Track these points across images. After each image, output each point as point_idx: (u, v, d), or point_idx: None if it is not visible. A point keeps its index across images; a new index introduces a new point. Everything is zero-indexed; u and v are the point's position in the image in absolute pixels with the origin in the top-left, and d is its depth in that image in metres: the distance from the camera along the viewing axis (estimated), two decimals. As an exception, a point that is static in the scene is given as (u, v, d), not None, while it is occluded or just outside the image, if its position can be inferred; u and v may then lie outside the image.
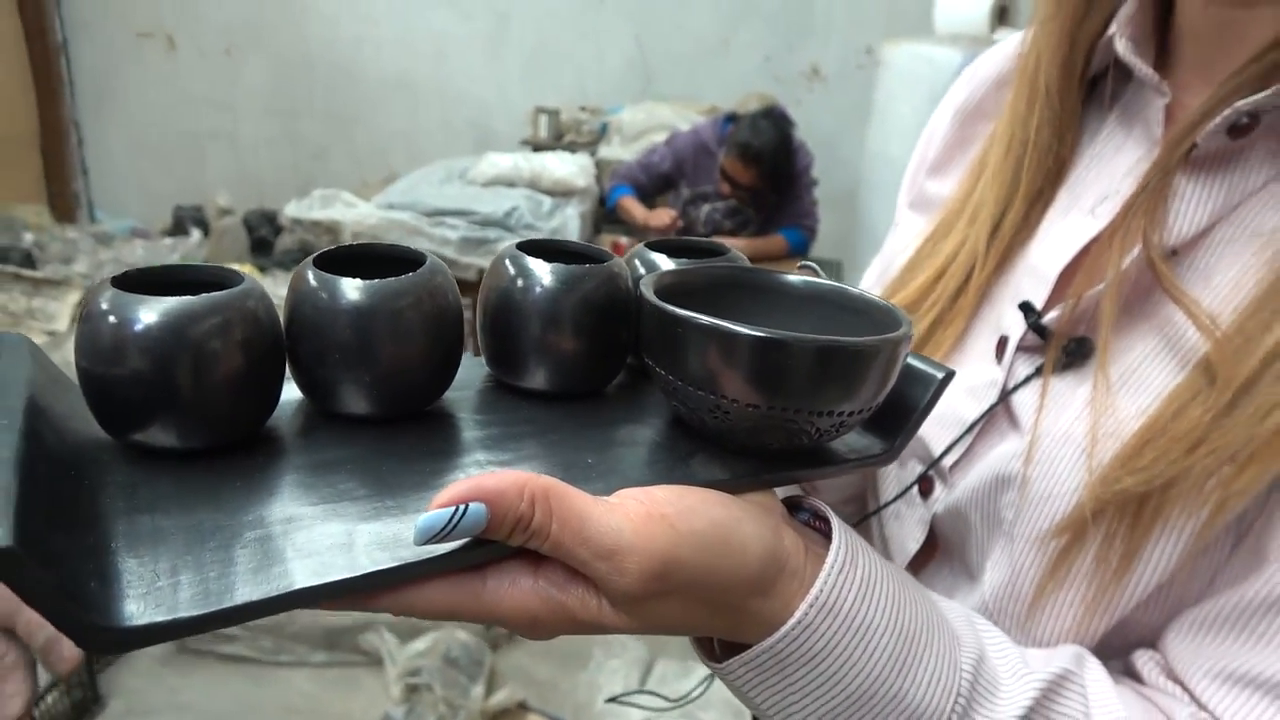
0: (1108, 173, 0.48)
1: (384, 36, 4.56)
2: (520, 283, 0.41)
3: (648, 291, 0.38)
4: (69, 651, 0.47)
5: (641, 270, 0.47)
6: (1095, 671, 0.40)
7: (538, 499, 0.31)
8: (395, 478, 0.36)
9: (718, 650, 0.40)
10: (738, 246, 2.32)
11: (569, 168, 2.39)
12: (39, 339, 3.76)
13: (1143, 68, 0.46)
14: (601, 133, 4.05)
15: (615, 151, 3.67)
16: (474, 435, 0.40)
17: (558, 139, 4.10)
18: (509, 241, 2.07)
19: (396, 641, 2.00)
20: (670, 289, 0.40)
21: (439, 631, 2.00)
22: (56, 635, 0.48)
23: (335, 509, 0.33)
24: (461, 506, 0.30)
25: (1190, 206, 0.43)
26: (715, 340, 0.34)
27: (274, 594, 0.29)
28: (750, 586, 0.35)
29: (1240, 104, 0.40)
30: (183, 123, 4.77)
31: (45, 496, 0.29)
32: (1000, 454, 0.46)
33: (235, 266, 2.03)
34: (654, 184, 2.98)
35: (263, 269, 4.16)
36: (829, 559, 0.36)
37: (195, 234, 4.40)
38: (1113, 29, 0.47)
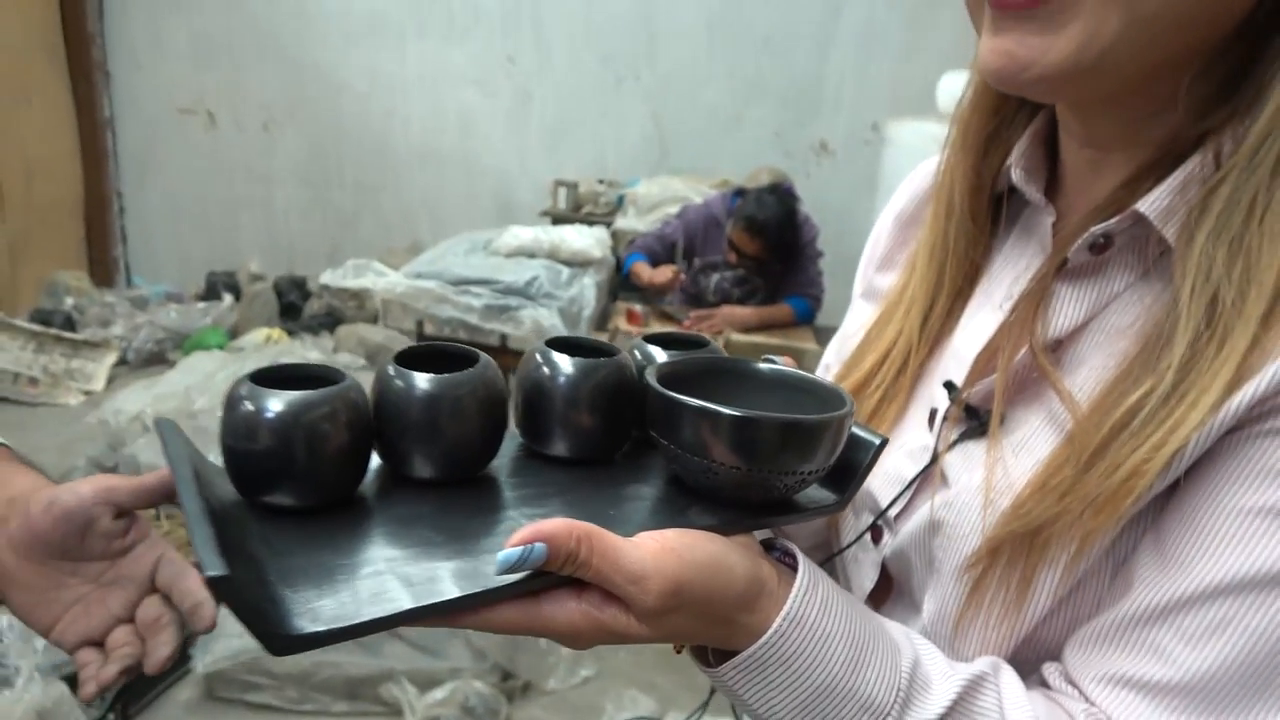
0: (1012, 274, 0.58)
1: (413, 112, 4.79)
2: (547, 372, 0.52)
3: (652, 380, 0.49)
4: (208, 615, 0.61)
5: (640, 359, 0.59)
6: (1009, 676, 0.49)
7: (582, 539, 0.41)
8: (462, 527, 0.46)
9: (712, 659, 0.49)
10: (746, 315, 2.45)
11: (586, 240, 2.54)
12: (76, 399, 3.92)
13: (1033, 194, 0.56)
14: (618, 205, 4.21)
15: (631, 223, 3.83)
16: (517, 494, 0.51)
17: (576, 210, 4.27)
18: (529, 309, 2.20)
19: (416, 692, 2.08)
20: (669, 377, 0.51)
21: (457, 682, 2.08)
22: (198, 602, 0.61)
23: (423, 551, 0.44)
24: (529, 545, 0.40)
25: (1067, 307, 0.52)
26: (706, 419, 0.46)
27: (391, 613, 0.39)
28: (738, 604, 0.45)
29: (1095, 228, 0.50)
30: (219, 192, 4.99)
31: (224, 542, 0.40)
32: (935, 503, 0.55)
33: (265, 330, 2.24)
34: (667, 253, 3.13)
35: (291, 333, 4.32)
36: (796, 583, 0.46)
37: (227, 298, 4.58)
38: (1011, 160, 0.58)
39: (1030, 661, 0.51)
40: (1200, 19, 0.44)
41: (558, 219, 4.07)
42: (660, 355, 0.58)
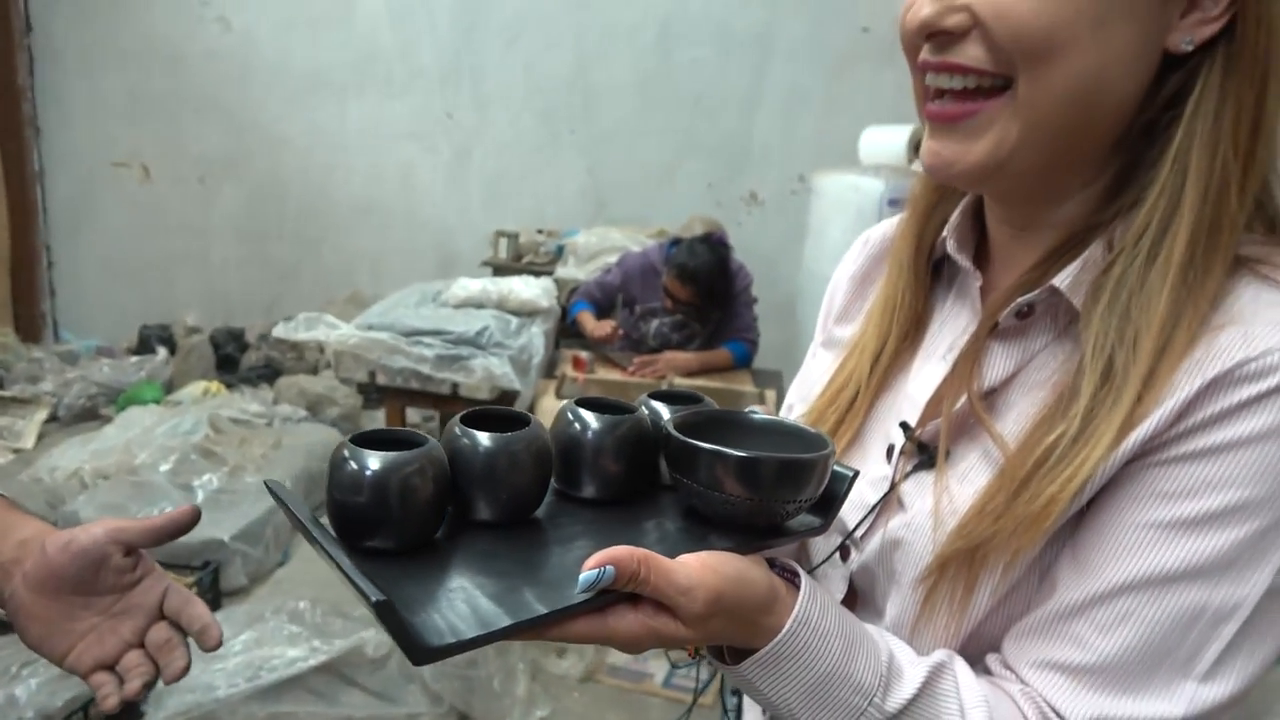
0: (950, 329, 0.69)
1: (354, 165, 4.85)
2: (578, 427, 0.61)
3: (674, 431, 0.59)
4: (215, 635, 0.70)
5: (647, 414, 0.68)
6: (961, 664, 0.59)
7: (641, 561, 0.48)
8: (529, 559, 0.54)
9: (728, 658, 0.58)
10: (688, 360, 2.57)
11: (534, 290, 2.64)
12: (4, 457, 3.83)
13: (964, 262, 0.67)
14: (558, 254, 4.32)
15: (571, 272, 3.95)
16: (563, 531, 0.59)
17: (517, 260, 4.37)
18: (480, 359, 2.29)
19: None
20: (685, 427, 0.60)
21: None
22: (205, 625, 0.70)
23: (503, 579, 0.52)
24: (603, 568, 0.48)
25: (999, 362, 0.62)
26: (720, 460, 0.55)
27: (499, 627, 0.47)
28: (759, 608, 0.53)
29: (1020, 299, 0.61)
30: (153, 246, 4.95)
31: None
32: (893, 526, 0.65)
33: (202, 383, 2.29)
34: (608, 300, 3.26)
35: (230, 385, 4.31)
36: (801, 591, 0.56)
37: (161, 352, 4.54)
38: (945, 232, 0.69)
39: (974, 653, 0.61)
40: (1081, 135, 0.56)
41: (499, 269, 4.16)
42: (663, 409, 0.67)
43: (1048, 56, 0.52)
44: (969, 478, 0.61)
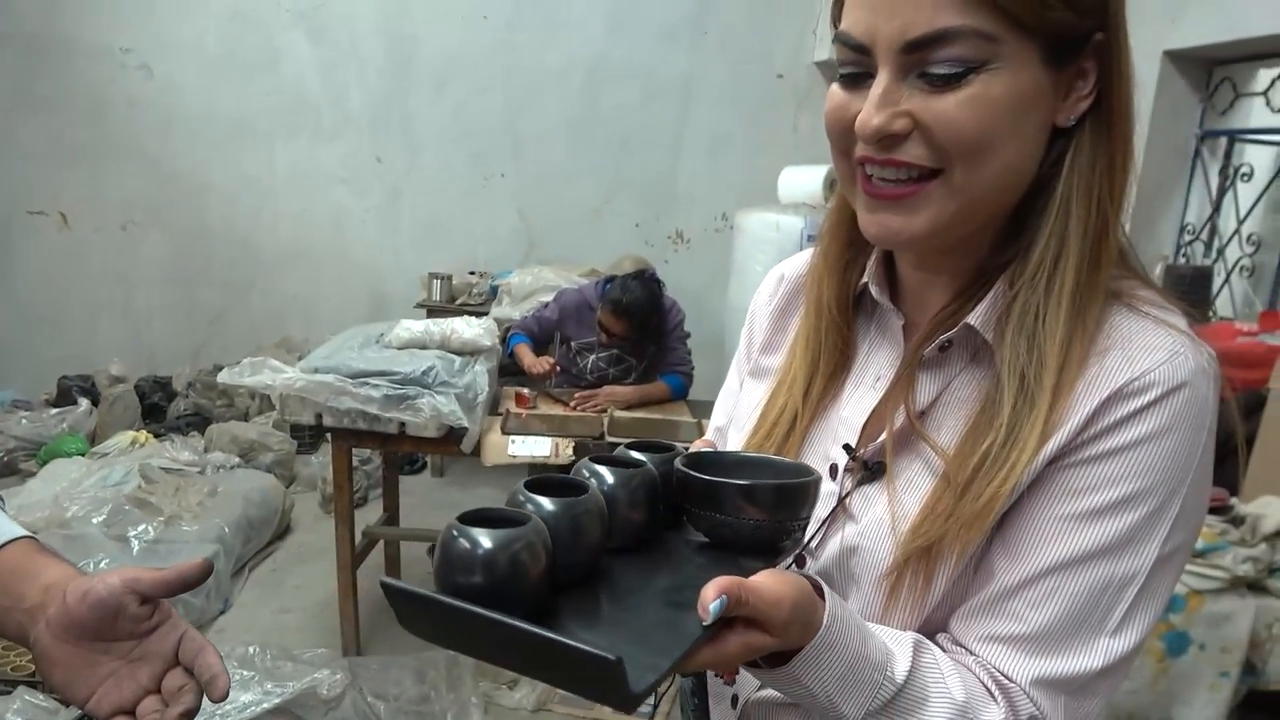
0: (876, 361, 0.77)
1: (283, 210, 4.84)
2: (594, 482, 0.63)
3: (688, 471, 0.64)
4: (223, 685, 0.73)
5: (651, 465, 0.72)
6: (932, 643, 0.69)
7: (739, 585, 0.54)
8: (619, 603, 0.58)
9: (762, 664, 0.64)
10: (627, 393, 2.67)
11: (476, 330, 2.70)
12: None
13: (885, 303, 0.75)
14: (492, 295, 4.40)
15: (506, 311, 4.02)
16: (632, 579, 0.61)
17: (451, 301, 4.42)
18: (427, 398, 2.35)
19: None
20: (694, 468, 0.65)
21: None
22: (215, 674, 0.74)
23: (615, 623, 0.55)
24: (721, 598, 0.53)
25: (926, 387, 0.72)
26: (744, 491, 0.63)
27: (664, 667, 0.50)
28: (811, 609, 0.59)
29: (942, 336, 0.69)
30: (73, 295, 4.84)
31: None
32: (847, 535, 0.75)
33: (129, 433, 2.32)
34: (545, 334, 3.34)
35: (158, 435, 4.24)
36: (828, 596, 0.60)
37: (83, 403, 4.43)
38: (866, 277, 0.79)
39: (927, 636, 0.71)
40: (997, 204, 0.67)
41: (433, 310, 4.21)
42: (639, 456, 0.71)
43: (980, 153, 0.62)
44: (913, 486, 0.71)
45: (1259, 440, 2.23)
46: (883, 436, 0.74)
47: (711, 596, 0.53)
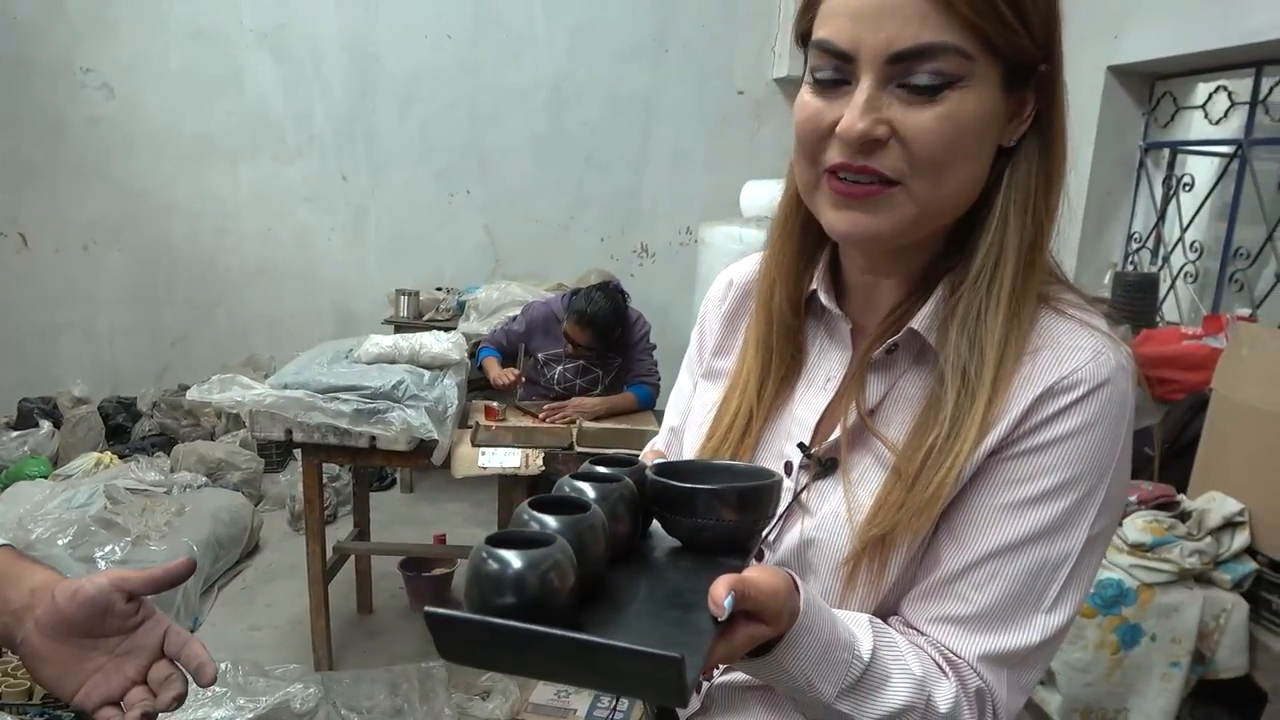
0: (827, 362, 0.82)
1: (246, 229, 4.82)
2: (587, 502, 0.63)
3: (667, 481, 0.66)
4: (210, 672, 0.77)
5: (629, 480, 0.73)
6: (883, 623, 0.74)
7: (742, 580, 0.56)
8: (627, 611, 0.59)
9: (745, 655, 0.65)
10: (595, 404, 2.72)
11: (445, 344, 2.73)
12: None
13: (834, 309, 0.80)
14: (459, 310, 4.42)
15: (474, 327, 4.05)
16: (632, 587, 0.62)
17: (418, 317, 4.43)
18: (397, 411, 2.37)
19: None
20: (661, 475, 0.68)
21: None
22: (202, 663, 0.77)
23: (637, 630, 0.56)
24: (730, 594, 0.55)
25: (875, 387, 0.77)
26: (717, 496, 0.65)
27: (701, 662, 0.52)
28: (792, 597, 0.62)
29: (889, 340, 0.74)
30: (34, 316, 4.78)
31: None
32: (801, 528, 0.79)
33: (93, 455, 2.33)
34: (513, 347, 3.38)
35: (123, 455, 4.20)
36: (801, 584, 0.64)
37: (45, 425, 4.38)
38: (815, 285, 0.83)
39: (881, 617, 0.76)
40: (951, 213, 0.72)
41: (400, 327, 4.22)
42: (604, 470, 0.73)
43: (943, 169, 0.67)
44: (865, 480, 0.76)
45: (1203, 439, 2.32)
46: (835, 434, 0.79)
47: (723, 593, 0.55)
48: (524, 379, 3.32)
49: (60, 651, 0.76)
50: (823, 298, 0.82)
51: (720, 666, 0.83)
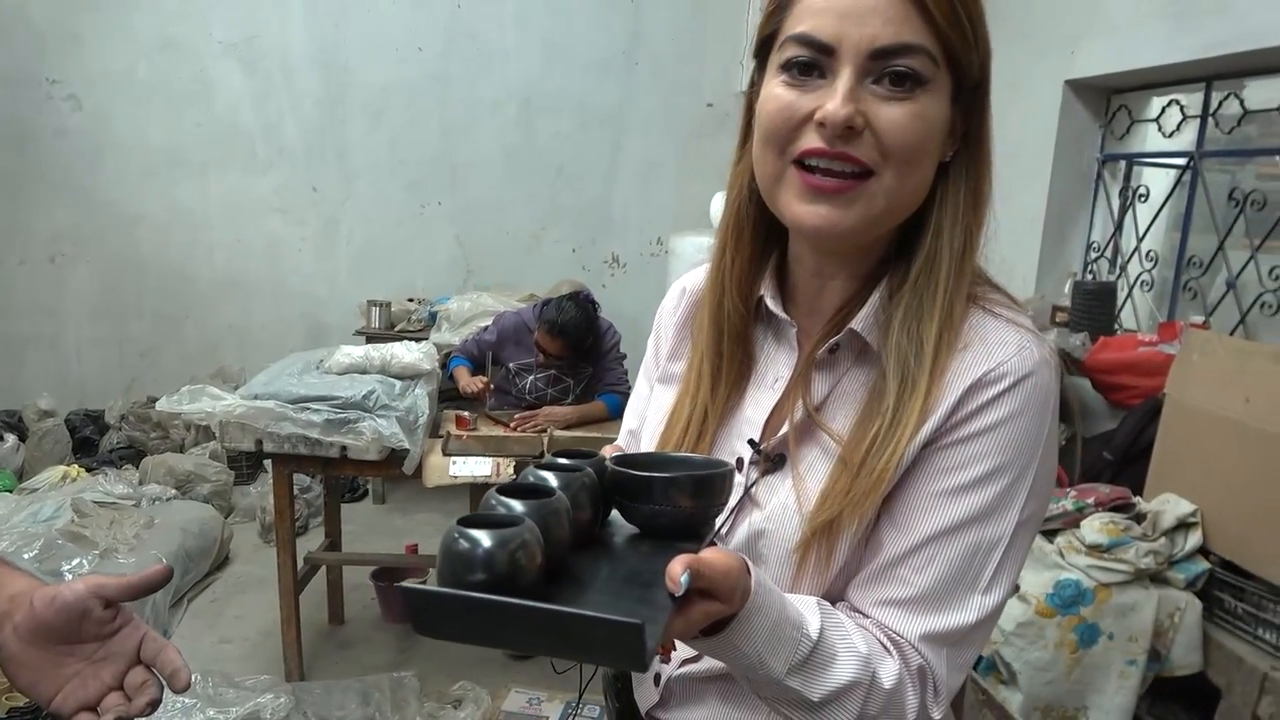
0: (775, 364, 0.86)
1: (216, 240, 4.81)
2: (551, 488, 0.67)
3: (632, 471, 0.69)
4: (184, 678, 0.79)
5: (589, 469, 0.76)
6: (830, 605, 0.78)
7: (696, 560, 0.59)
8: (590, 590, 0.62)
9: (700, 633, 0.67)
10: (566, 413, 2.74)
11: (415, 354, 2.75)
12: None
13: (780, 314, 0.84)
14: (431, 321, 4.43)
15: (445, 337, 4.06)
16: (596, 567, 0.66)
17: (390, 328, 4.44)
18: (368, 421, 2.38)
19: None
20: (619, 464, 0.71)
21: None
22: (176, 669, 0.79)
23: (600, 606, 0.58)
24: (687, 571, 0.58)
25: (819, 384, 0.81)
26: (674, 484, 0.69)
27: (659, 632, 0.55)
28: (744, 576, 0.64)
29: (830, 341, 0.79)
30: (-1, 329, 4.75)
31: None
32: (753, 519, 0.83)
33: (60, 468, 2.33)
34: (484, 357, 3.40)
35: (90, 469, 4.16)
36: (751, 566, 0.66)
37: (10, 439, 4.33)
38: (762, 292, 0.87)
39: (830, 601, 0.79)
40: (909, 207, 0.76)
41: (372, 338, 4.23)
42: (565, 462, 0.77)
43: (909, 163, 0.72)
44: (813, 471, 0.80)
45: (1158, 442, 2.38)
46: (784, 430, 0.83)
47: (679, 570, 0.58)
48: (495, 388, 3.34)
49: (38, 657, 0.77)
50: (770, 303, 0.86)
51: (678, 658, 0.86)
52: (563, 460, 0.73)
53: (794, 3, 0.73)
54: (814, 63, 0.71)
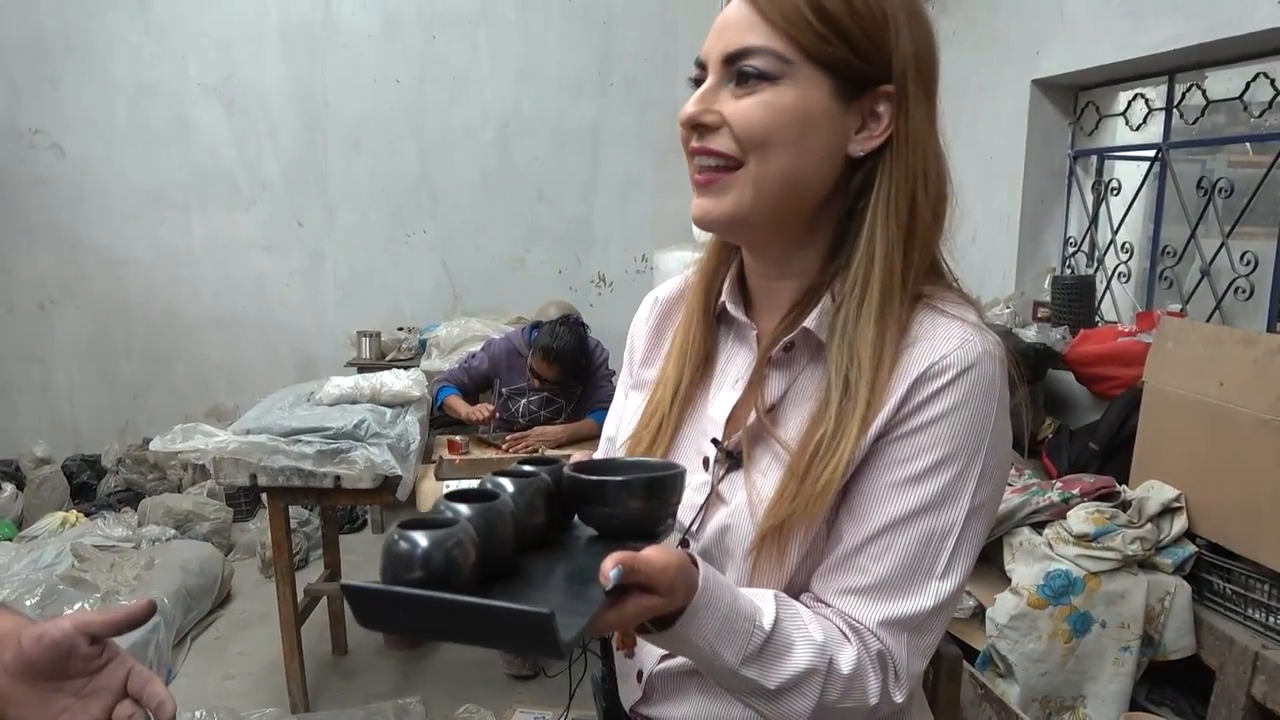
0: (735, 365, 0.89)
1: (203, 278, 4.83)
2: (499, 494, 0.71)
3: (585, 476, 0.72)
4: (169, 710, 0.81)
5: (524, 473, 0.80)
6: (789, 597, 0.80)
7: (631, 558, 0.62)
8: (534, 586, 0.66)
9: (652, 628, 0.70)
10: (557, 433, 2.77)
11: (404, 382, 2.78)
12: None
13: (740, 317, 0.88)
14: (421, 349, 4.46)
15: (436, 364, 4.09)
16: (542, 567, 0.69)
17: (381, 358, 4.46)
18: (360, 450, 2.41)
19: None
20: (577, 471, 0.74)
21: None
22: (161, 701, 0.81)
23: (536, 601, 0.60)
24: (618, 568, 0.61)
25: (775, 384, 0.84)
26: (626, 487, 0.71)
27: (584, 622, 0.58)
28: (688, 573, 0.68)
29: (784, 339, 0.82)
30: (-10, 379, 4.75)
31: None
32: (719, 516, 0.86)
33: (59, 514, 2.35)
34: (475, 384, 3.43)
35: (89, 513, 4.16)
36: (701, 563, 0.70)
37: (7, 488, 4.33)
38: (723, 295, 0.92)
39: (793, 596, 0.82)
40: (792, 202, 0.80)
41: (364, 368, 4.25)
42: (530, 469, 0.80)
43: (767, 149, 0.76)
44: (768, 473, 0.83)
45: (1140, 430, 2.42)
46: (739, 431, 0.86)
47: (610, 566, 0.62)
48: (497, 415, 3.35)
49: (27, 693, 0.79)
50: (729, 305, 0.91)
51: (657, 654, 0.90)
52: (522, 467, 0.77)
53: None
54: (700, 78, 0.80)
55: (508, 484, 0.72)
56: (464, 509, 0.66)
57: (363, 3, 4.72)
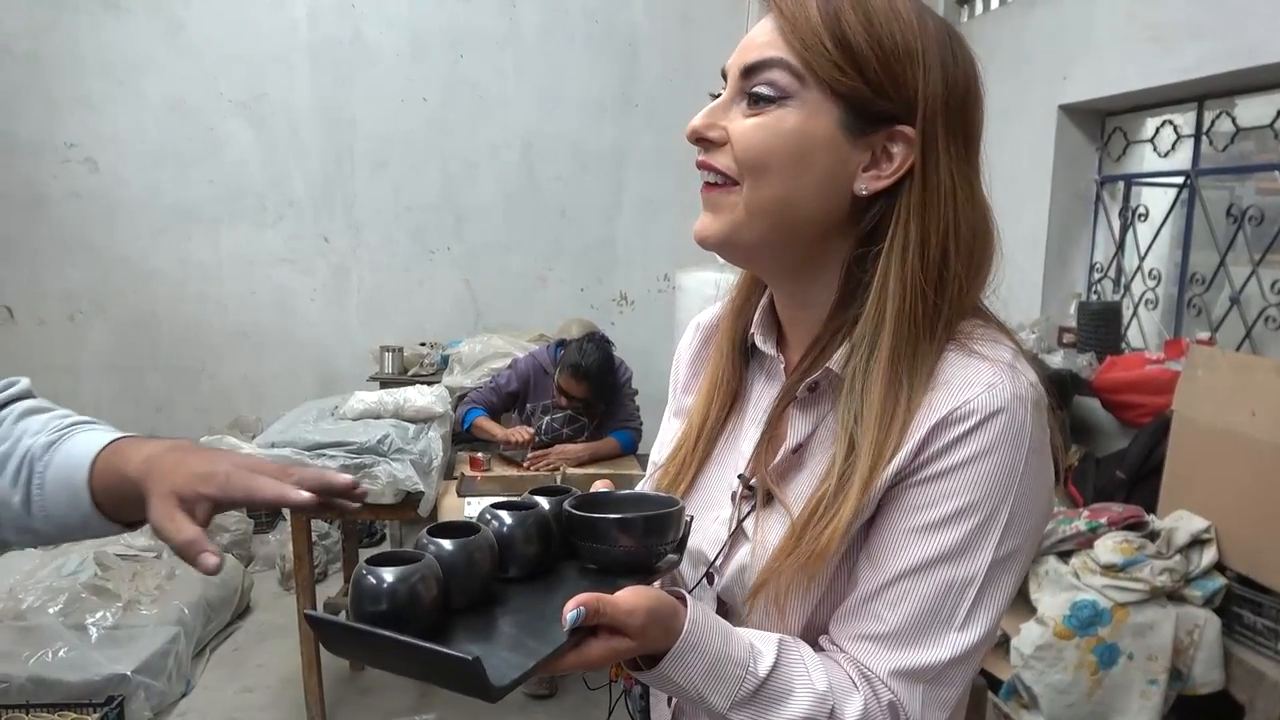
0: (765, 399, 0.87)
1: (228, 293, 4.88)
2: (495, 524, 0.72)
3: (579, 512, 0.72)
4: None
5: (546, 506, 0.81)
6: (803, 644, 0.78)
7: (596, 599, 0.62)
8: (510, 619, 0.67)
9: (643, 665, 0.73)
10: (579, 451, 2.78)
11: (428, 398, 2.79)
12: None
13: (768, 350, 0.86)
14: (443, 364, 4.48)
15: (458, 380, 4.10)
16: (519, 600, 0.70)
17: (403, 373, 4.49)
18: (383, 465, 2.42)
19: None
20: (579, 508, 0.76)
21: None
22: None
23: (498, 635, 0.63)
24: (579, 609, 0.61)
25: (800, 423, 0.81)
26: (617, 525, 0.72)
27: (528, 666, 0.59)
28: (670, 616, 0.67)
29: (808, 379, 0.79)
30: (18, 389, 4.80)
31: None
32: (742, 554, 0.84)
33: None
34: (503, 403, 3.42)
35: (110, 524, 4.20)
36: (690, 602, 0.69)
37: (31, 497, 4.37)
38: (753, 328, 0.90)
39: (812, 638, 0.81)
40: (787, 227, 0.77)
41: (386, 383, 4.27)
42: (544, 501, 0.81)
43: (762, 172, 0.74)
44: (773, 527, 0.81)
45: (1168, 459, 2.39)
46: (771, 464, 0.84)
47: (569, 608, 0.62)
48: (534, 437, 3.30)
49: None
50: (757, 338, 0.89)
51: None
52: (529, 497, 0.78)
53: None
54: (721, 89, 0.79)
55: (506, 516, 0.73)
56: (446, 544, 0.67)
57: (390, 23, 4.78)
